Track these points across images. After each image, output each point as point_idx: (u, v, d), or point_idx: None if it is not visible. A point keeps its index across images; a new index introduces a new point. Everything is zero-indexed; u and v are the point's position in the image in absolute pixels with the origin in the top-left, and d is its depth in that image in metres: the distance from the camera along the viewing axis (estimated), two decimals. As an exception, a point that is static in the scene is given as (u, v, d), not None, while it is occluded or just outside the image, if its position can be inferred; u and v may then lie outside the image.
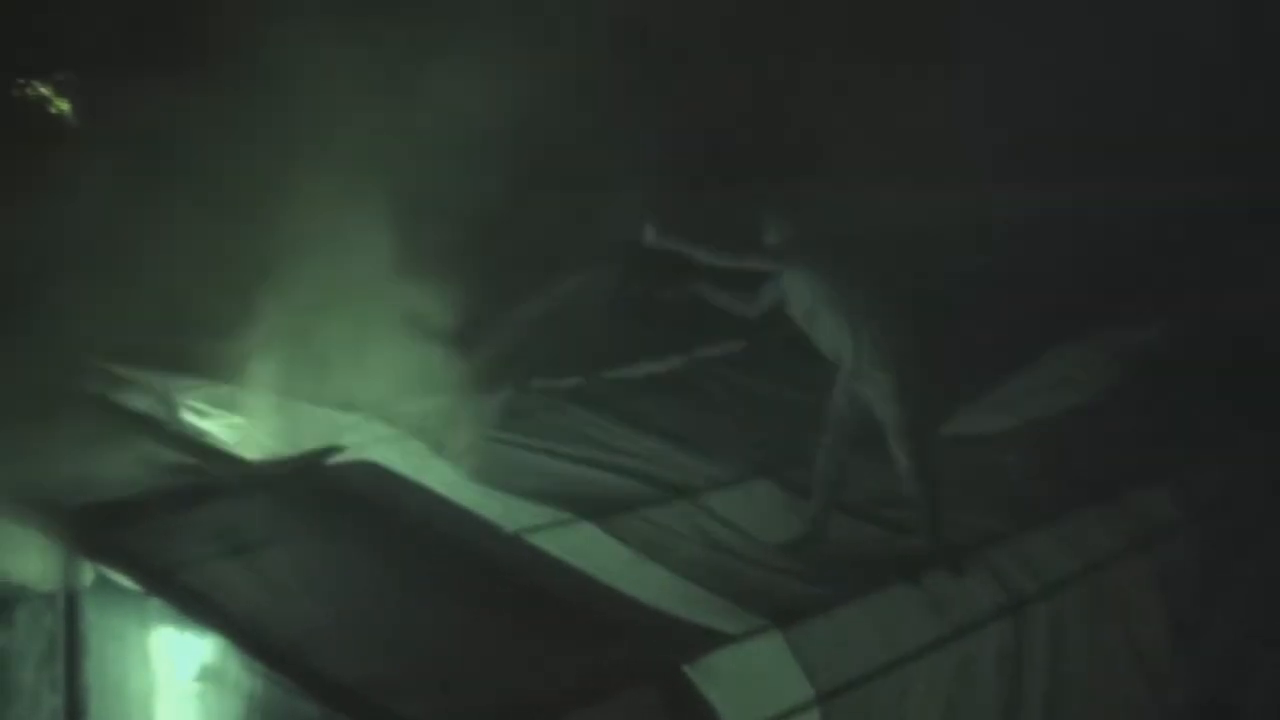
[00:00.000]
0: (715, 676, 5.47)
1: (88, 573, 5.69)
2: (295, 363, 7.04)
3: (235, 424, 6.82)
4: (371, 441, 6.86)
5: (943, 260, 8.21)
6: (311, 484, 6.41)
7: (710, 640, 5.59)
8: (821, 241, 6.59)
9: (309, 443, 6.65)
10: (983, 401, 7.80)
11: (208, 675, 5.57)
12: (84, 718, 5.74)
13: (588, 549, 6.17)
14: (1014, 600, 6.61)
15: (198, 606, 5.49)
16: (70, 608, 5.72)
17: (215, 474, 6.34)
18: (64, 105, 8.01)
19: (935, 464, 6.57)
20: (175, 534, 5.83)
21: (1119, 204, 9.10)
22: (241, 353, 6.88)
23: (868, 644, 5.98)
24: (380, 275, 7.54)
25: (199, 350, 7.15)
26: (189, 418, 6.85)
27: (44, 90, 7.98)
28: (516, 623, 5.61)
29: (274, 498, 6.22)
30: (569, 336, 8.25)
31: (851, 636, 5.97)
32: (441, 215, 7.36)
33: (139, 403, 6.89)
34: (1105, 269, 8.87)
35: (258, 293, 7.26)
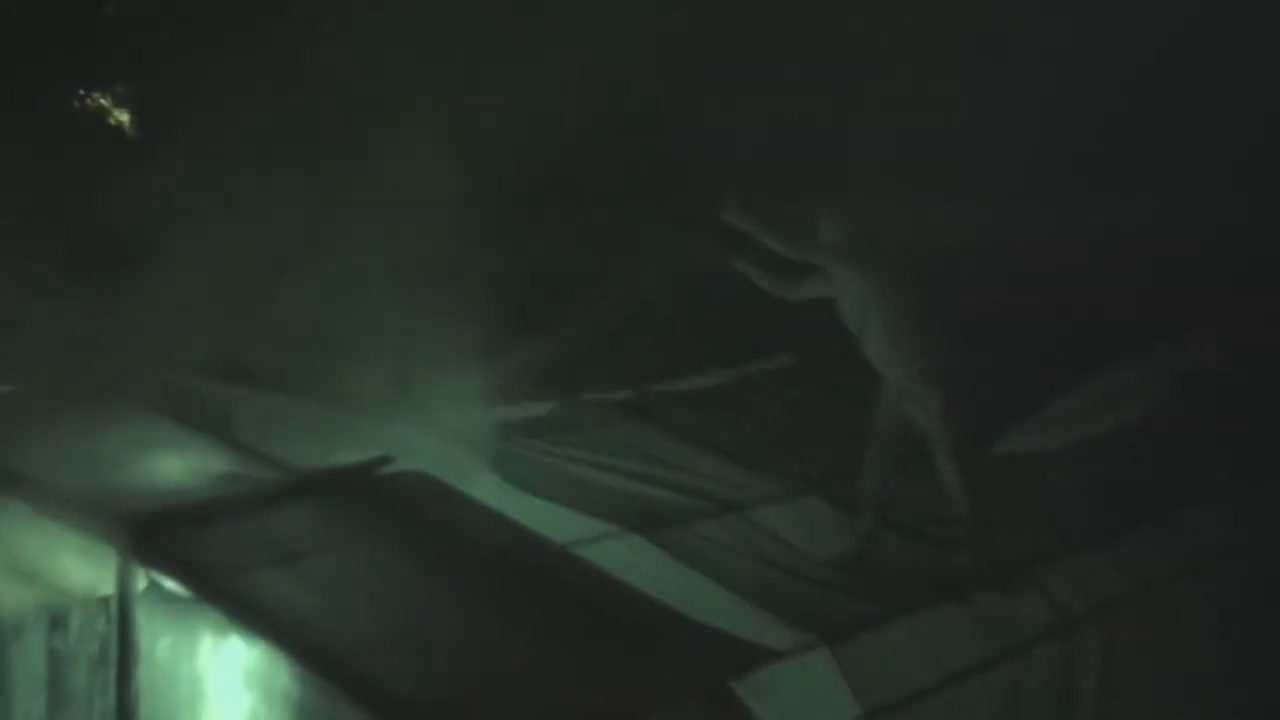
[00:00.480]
0: (763, 693, 5.49)
1: (140, 579, 5.72)
2: (346, 373, 7.13)
3: (287, 433, 6.87)
4: (421, 452, 6.86)
5: (1003, 277, 8.21)
6: (362, 494, 6.43)
7: (758, 656, 5.60)
8: (885, 249, 6.58)
9: (359, 453, 6.69)
10: (1034, 419, 7.75)
11: (256, 683, 5.58)
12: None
13: (636, 563, 6.19)
14: (1064, 621, 6.60)
15: (248, 614, 5.53)
16: (122, 613, 5.74)
17: (267, 482, 6.38)
18: (123, 116, 8.07)
19: (985, 482, 6.55)
20: (227, 541, 5.88)
21: (1159, 219, 9.04)
22: (295, 363, 6.99)
23: (915, 663, 5.97)
24: (429, 283, 7.66)
25: (254, 359, 7.23)
26: (242, 426, 6.90)
27: (103, 101, 8.05)
28: (564, 636, 5.64)
29: (324, 507, 6.27)
30: (619, 348, 8.29)
31: (899, 655, 5.97)
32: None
33: (194, 410, 6.96)
34: (1152, 285, 8.84)
35: (307, 303, 7.41)
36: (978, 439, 6.72)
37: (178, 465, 6.46)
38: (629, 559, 6.22)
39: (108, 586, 5.80)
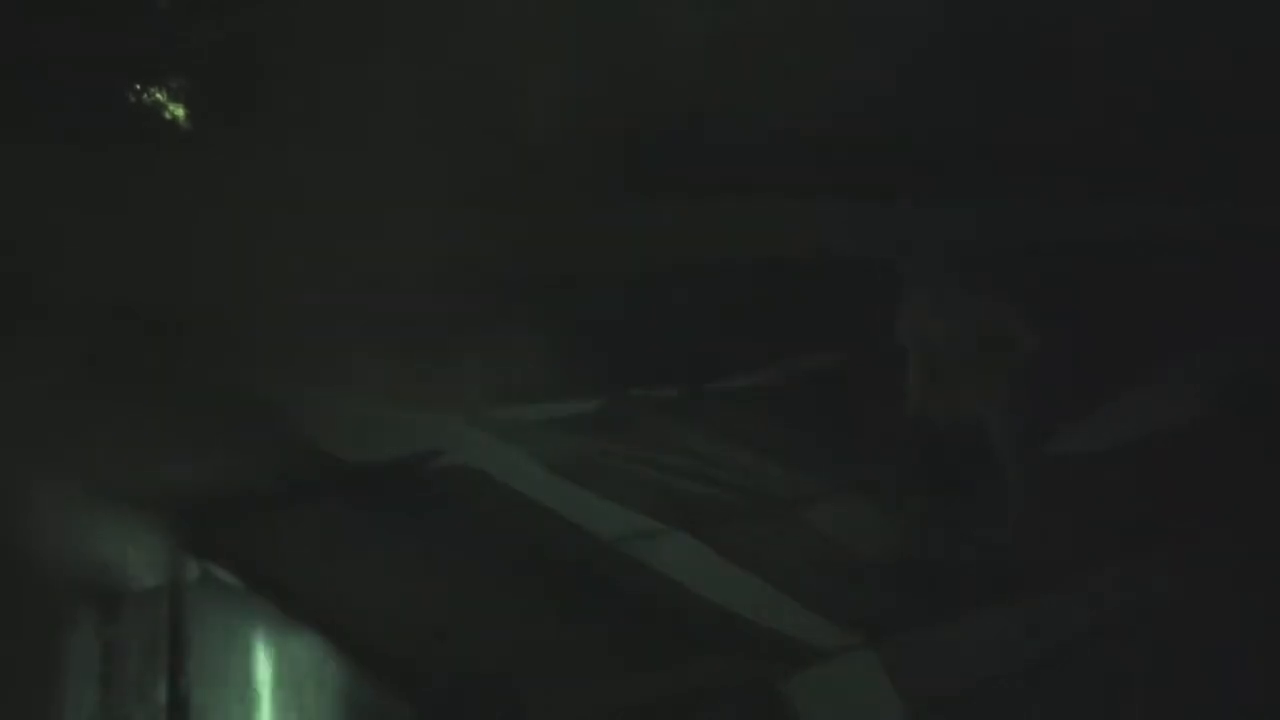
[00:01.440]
0: (808, 692, 5.53)
1: (193, 568, 5.93)
2: (394, 367, 7.27)
3: (336, 427, 7.02)
4: (469, 446, 7.03)
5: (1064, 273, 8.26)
6: (411, 487, 6.63)
7: (804, 656, 5.66)
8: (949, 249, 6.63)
9: (408, 447, 6.88)
10: (1084, 419, 7.80)
11: (306, 673, 5.68)
12: (186, 709, 5.96)
13: (681, 559, 6.25)
14: (1113, 623, 6.59)
15: (297, 605, 5.68)
16: (175, 603, 5.97)
17: (317, 474, 6.59)
18: (179, 111, 8.17)
19: (1036, 481, 6.56)
20: (277, 533, 6.12)
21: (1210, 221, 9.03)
22: (344, 356, 7.10)
23: (961, 664, 5.99)
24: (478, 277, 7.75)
25: (306, 349, 7.34)
26: (292, 420, 7.07)
27: (159, 96, 8.17)
28: (608, 632, 5.75)
29: (374, 500, 6.45)
30: (667, 345, 8.36)
31: (946, 656, 5.99)
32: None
33: (244, 404, 7.11)
34: (1193, 289, 8.85)
35: (358, 294, 7.51)
36: (1032, 436, 6.74)
37: (229, 458, 6.61)
38: (675, 555, 6.29)
39: (161, 577, 6.01)
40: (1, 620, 6.14)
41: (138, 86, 8.36)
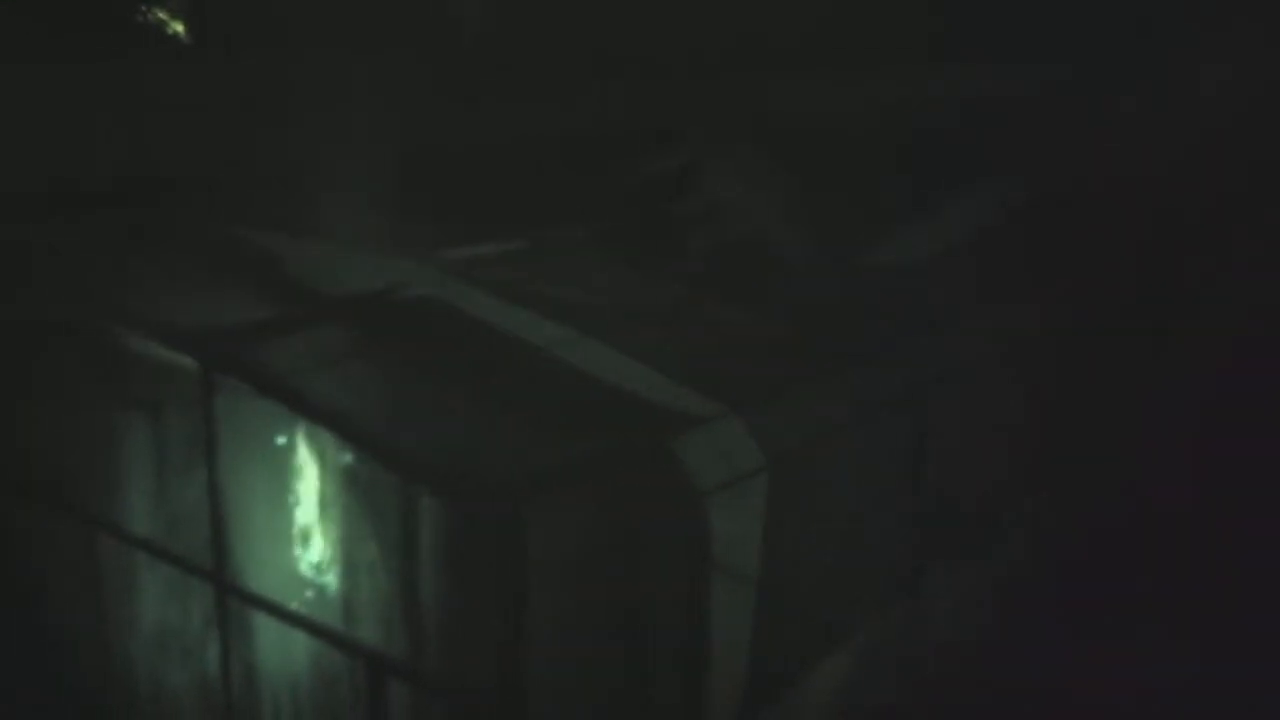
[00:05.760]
0: (688, 449, 6.68)
1: (219, 383, 6.81)
2: (358, 219, 8.37)
3: (320, 268, 8.01)
4: (427, 279, 7.99)
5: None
6: (385, 311, 7.54)
7: (686, 421, 6.81)
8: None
9: (379, 281, 7.83)
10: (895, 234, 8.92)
11: (313, 458, 6.65)
12: (220, 495, 6.95)
13: (593, 358, 7.36)
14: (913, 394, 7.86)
15: (302, 404, 6.60)
16: (207, 409, 6.86)
17: (308, 305, 7.53)
18: (179, 27, 8.64)
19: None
20: (282, 351, 6.97)
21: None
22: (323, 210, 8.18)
23: (812, 420, 7.26)
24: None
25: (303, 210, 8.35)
26: (286, 264, 8.08)
27: (161, 14, 8.56)
28: (544, 414, 6.74)
29: (357, 323, 7.38)
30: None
31: (798, 415, 7.28)
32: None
33: (256, 249, 8.09)
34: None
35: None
36: None
37: (239, 295, 7.57)
38: (588, 355, 7.36)
39: (194, 392, 6.89)
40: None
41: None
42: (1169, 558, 8.98)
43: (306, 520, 6.82)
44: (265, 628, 7.01)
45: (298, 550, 6.83)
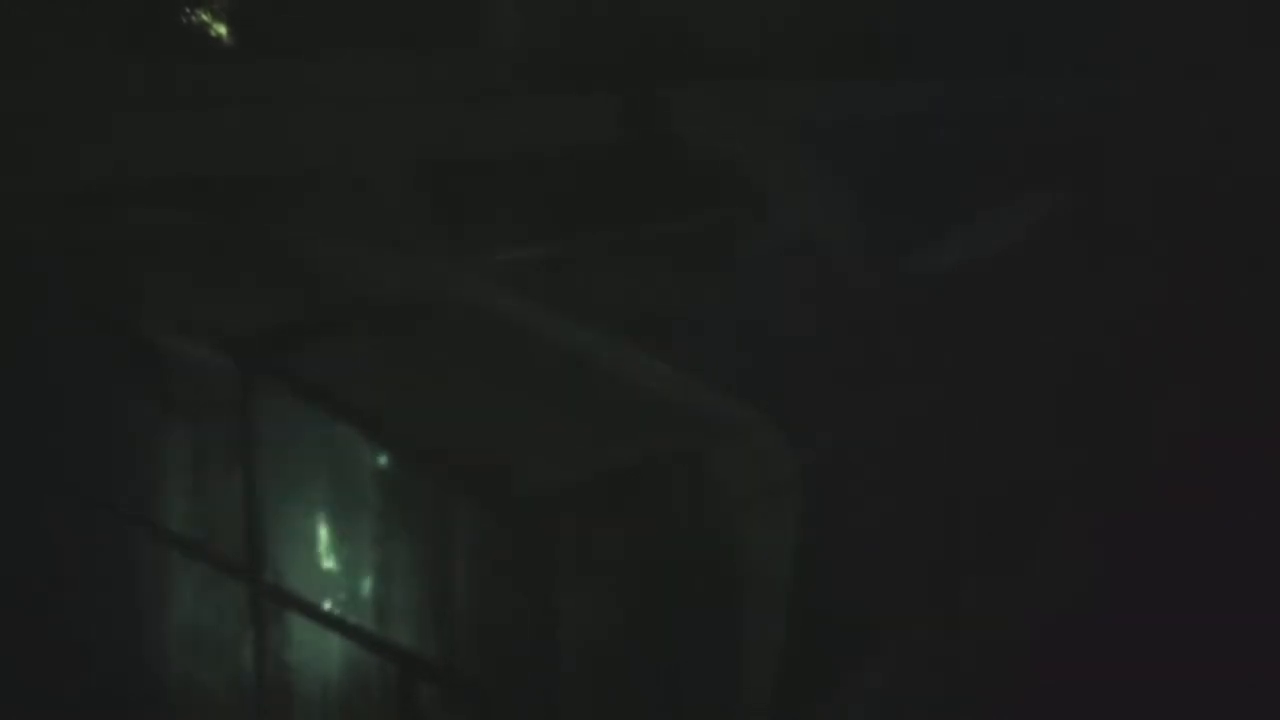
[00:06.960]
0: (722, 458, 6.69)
1: (257, 385, 6.85)
2: (393, 224, 8.50)
3: (353, 270, 8.10)
4: (462, 282, 8.06)
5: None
6: (422, 314, 7.58)
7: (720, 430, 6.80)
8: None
9: (414, 283, 7.88)
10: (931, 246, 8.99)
11: (345, 460, 6.61)
12: (254, 488, 6.95)
13: (634, 359, 7.39)
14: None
15: (337, 406, 6.63)
16: (245, 411, 6.91)
17: (346, 308, 7.58)
18: (222, 29, 8.71)
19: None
20: (318, 355, 7.03)
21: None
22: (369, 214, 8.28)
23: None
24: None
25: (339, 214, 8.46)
26: (330, 265, 8.15)
27: (205, 16, 8.60)
28: (580, 413, 6.76)
29: (394, 326, 7.41)
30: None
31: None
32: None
33: (294, 252, 8.19)
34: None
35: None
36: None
37: (277, 298, 7.64)
38: (629, 360, 7.37)
39: (233, 394, 6.92)
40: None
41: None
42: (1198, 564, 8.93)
43: (341, 522, 6.86)
44: (298, 628, 7.04)
45: (332, 551, 6.88)
